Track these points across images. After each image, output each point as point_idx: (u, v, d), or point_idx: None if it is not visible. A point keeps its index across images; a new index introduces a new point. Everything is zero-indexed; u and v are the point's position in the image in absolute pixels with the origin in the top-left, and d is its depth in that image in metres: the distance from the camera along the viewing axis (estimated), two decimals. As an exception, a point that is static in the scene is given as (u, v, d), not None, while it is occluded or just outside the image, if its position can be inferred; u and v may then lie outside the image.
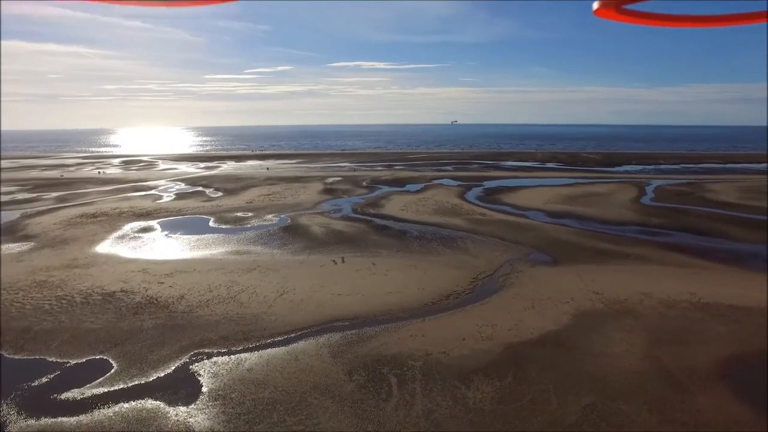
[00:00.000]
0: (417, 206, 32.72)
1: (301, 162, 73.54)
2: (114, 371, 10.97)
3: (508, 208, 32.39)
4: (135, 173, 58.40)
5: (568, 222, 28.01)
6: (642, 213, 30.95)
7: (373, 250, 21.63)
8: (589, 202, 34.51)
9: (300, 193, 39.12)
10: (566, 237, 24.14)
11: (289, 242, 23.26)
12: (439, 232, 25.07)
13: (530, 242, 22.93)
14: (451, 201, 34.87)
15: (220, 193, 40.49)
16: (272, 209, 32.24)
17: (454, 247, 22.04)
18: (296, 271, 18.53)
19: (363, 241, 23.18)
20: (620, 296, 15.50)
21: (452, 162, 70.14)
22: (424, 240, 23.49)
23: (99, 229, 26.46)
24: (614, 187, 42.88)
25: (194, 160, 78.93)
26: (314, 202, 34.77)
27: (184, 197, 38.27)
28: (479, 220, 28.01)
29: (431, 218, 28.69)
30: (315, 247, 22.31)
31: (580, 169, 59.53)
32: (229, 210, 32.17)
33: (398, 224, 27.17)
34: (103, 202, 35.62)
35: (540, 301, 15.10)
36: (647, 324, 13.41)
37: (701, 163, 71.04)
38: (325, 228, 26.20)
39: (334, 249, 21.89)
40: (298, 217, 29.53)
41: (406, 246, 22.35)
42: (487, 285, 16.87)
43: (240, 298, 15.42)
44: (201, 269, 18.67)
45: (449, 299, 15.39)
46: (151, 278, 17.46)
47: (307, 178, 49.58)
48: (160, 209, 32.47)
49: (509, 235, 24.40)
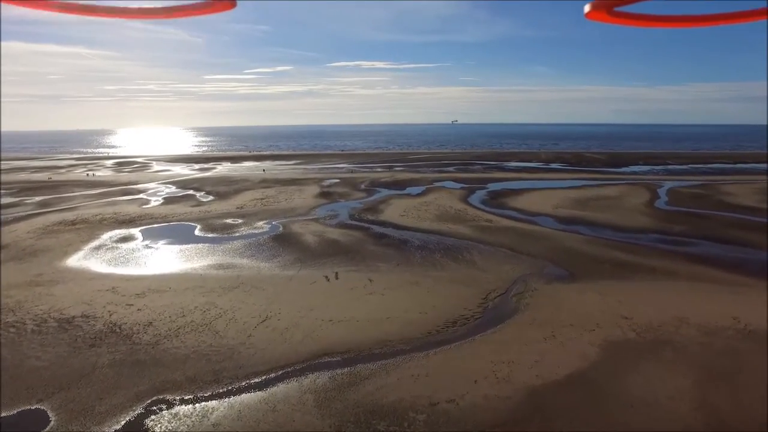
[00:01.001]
0: (418, 211, 30.71)
1: (299, 163, 71.55)
2: (48, 429, 8.97)
3: (515, 213, 30.36)
4: (126, 175, 56.43)
5: (581, 229, 25.99)
6: (659, 219, 28.93)
7: (370, 263, 19.62)
8: (600, 207, 32.48)
9: (295, 197, 37.13)
10: (581, 247, 22.12)
11: (278, 254, 21.26)
12: (443, 242, 23.06)
13: (543, 253, 20.92)
14: (455, 205, 32.86)
15: (211, 197, 38.50)
16: (264, 215, 30.24)
17: (460, 260, 20.03)
18: (284, 289, 16.52)
19: (360, 253, 21.18)
20: (653, 322, 13.48)
21: (454, 163, 68.11)
22: (427, 251, 21.49)
23: (75, 238, 24.47)
24: (625, 189, 40.85)
25: (189, 162, 76.96)
26: (309, 207, 32.78)
27: (173, 202, 36.28)
28: (485, 228, 26.00)
29: (434, 225, 26.68)
30: (307, 259, 20.31)
31: (586, 170, 57.50)
32: (218, 216, 30.18)
33: (398, 232, 25.17)
34: (86, 208, 33.64)
35: (561, 328, 13.09)
36: (691, 359, 11.40)
37: (710, 163, 68.99)
38: (319, 237, 24.20)
39: (328, 262, 19.89)
40: (291, 224, 27.54)
41: (406, 258, 20.35)
42: (499, 307, 14.86)
43: (216, 324, 13.41)
44: (177, 287, 16.67)
45: (456, 326, 13.38)
46: (119, 299, 15.46)
47: (304, 181, 47.59)
48: (145, 216, 30.48)
49: (519, 244, 22.39)
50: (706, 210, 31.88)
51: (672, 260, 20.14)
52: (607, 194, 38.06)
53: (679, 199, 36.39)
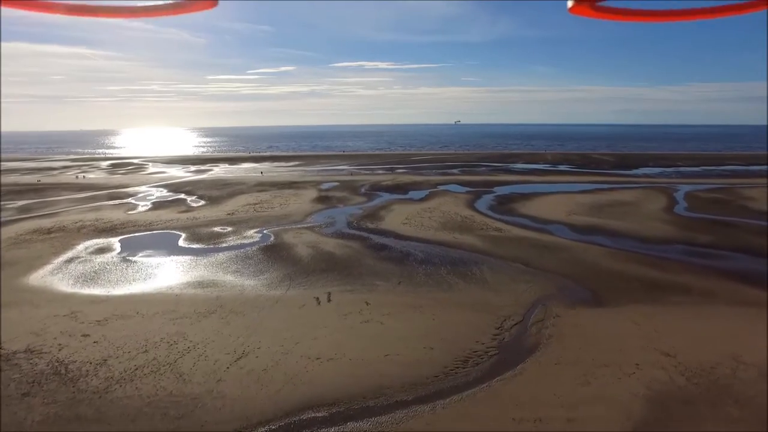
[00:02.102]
0: (421, 219, 28.54)
1: (298, 165, 69.46)
2: None
3: (526, 221, 28.16)
4: (118, 178, 54.41)
5: (600, 239, 23.78)
6: (682, 227, 26.70)
7: (368, 281, 17.46)
8: (617, 213, 30.26)
9: (290, 202, 34.99)
10: (603, 261, 19.92)
11: (266, 269, 19.12)
12: (449, 255, 20.89)
13: (561, 269, 18.72)
14: (461, 212, 30.67)
15: (203, 201, 36.41)
16: (256, 222, 28.12)
17: (469, 277, 17.86)
18: (268, 314, 14.39)
19: (356, 268, 19.02)
20: (702, 362, 11.29)
21: (458, 165, 65.90)
22: (431, 265, 19.33)
23: (47, 249, 22.40)
24: (639, 194, 38.61)
25: (186, 163, 74.97)
26: (305, 214, 30.64)
27: (161, 207, 34.21)
28: (495, 238, 23.81)
29: (438, 235, 24.50)
30: (297, 276, 18.17)
31: (595, 173, 55.23)
32: (206, 224, 28.07)
33: (400, 243, 23.01)
34: (68, 213, 31.59)
35: (595, 370, 10.90)
36: (762, 417, 9.21)
37: (722, 165, 66.61)
38: (313, 248, 22.06)
39: (321, 279, 17.74)
40: (284, 232, 25.41)
41: (409, 275, 18.18)
42: (517, 339, 12.69)
43: (181, 364, 11.28)
44: (146, 312, 14.55)
45: (468, 366, 11.21)
46: (75, 328, 13.35)
47: (301, 184, 45.46)
48: (128, 223, 28.39)
49: (534, 258, 20.20)
50: (730, 217, 29.64)
51: (706, 277, 17.93)
52: (621, 199, 35.82)
53: (699, 204, 34.14)
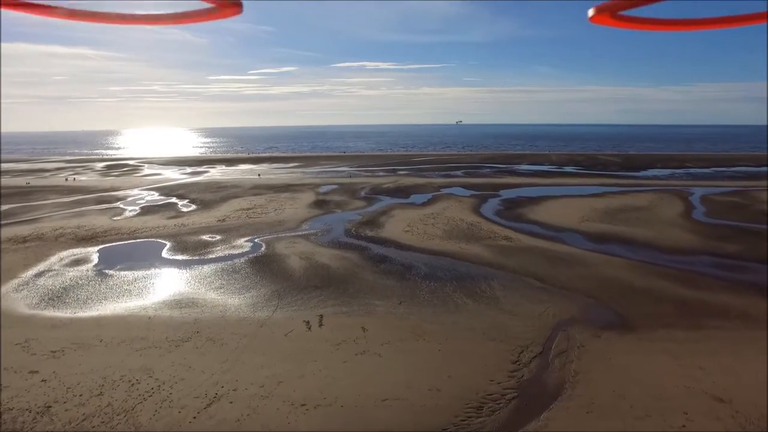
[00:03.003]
0: (425, 226, 26.69)
1: (297, 166, 67.64)
2: None
3: (537, 228, 26.28)
4: (110, 180, 52.68)
5: (618, 250, 21.90)
6: (704, 235, 24.79)
7: (365, 300, 15.62)
8: (632, 220, 28.36)
9: (286, 207, 33.18)
10: (625, 276, 18.04)
11: (253, 285, 17.30)
12: (455, 268, 19.03)
13: (579, 285, 16.86)
14: (466, 218, 28.80)
15: (194, 206, 34.62)
16: (247, 230, 26.31)
17: (478, 295, 16.00)
18: (249, 343, 12.57)
19: (353, 284, 17.19)
20: (763, 408, 9.42)
21: (461, 166, 63.99)
22: (436, 281, 17.48)
23: (18, 261, 20.63)
24: (653, 197, 36.69)
25: (183, 165, 73.24)
26: (300, 220, 28.81)
27: (150, 212, 32.43)
28: (505, 248, 21.94)
29: (443, 245, 22.65)
30: (287, 293, 16.34)
31: (603, 174, 53.29)
32: (194, 231, 26.27)
33: (401, 254, 21.16)
34: (50, 219, 29.83)
35: (635, 423, 9.04)
36: None
37: (733, 167, 64.61)
38: (307, 260, 20.23)
39: (313, 297, 15.92)
40: (277, 241, 23.60)
41: (411, 292, 16.34)
42: (538, 376, 10.84)
43: (140, 412, 9.46)
44: (111, 339, 12.74)
45: (482, 415, 9.36)
46: (25, 361, 11.55)
47: (299, 187, 43.64)
48: (111, 230, 26.61)
49: (548, 272, 18.33)
50: (752, 223, 27.72)
51: (742, 295, 16.05)
52: (635, 203, 33.91)
53: (718, 209, 32.22)
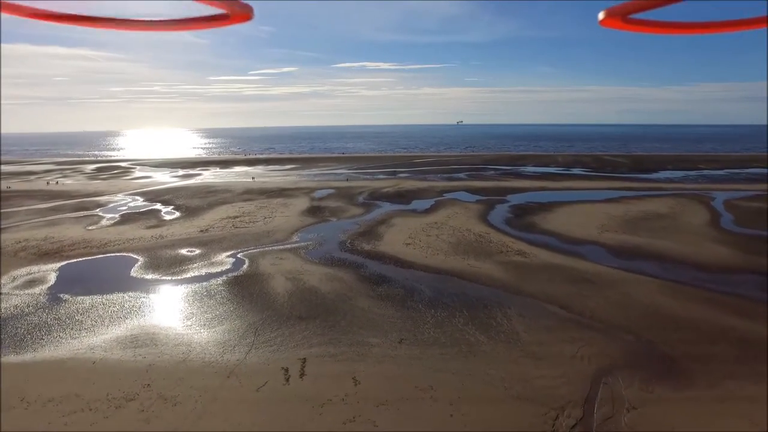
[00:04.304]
0: (428, 237, 24.05)
1: (294, 168, 64.99)
2: None
3: (553, 240, 23.63)
4: (96, 184, 50.07)
5: (649, 267, 19.24)
6: (739, 248, 22.14)
7: (359, 337, 12.99)
8: (657, 230, 25.70)
9: (277, 215, 30.55)
10: (665, 303, 15.38)
11: (227, 315, 14.68)
12: (465, 292, 16.40)
13: (614, 316, 14.21)
14: (473, 228, 26.15)
15: (178, 213, 32.02)
16: (231, 243, 23.70)
17: (495, 330, 13.36)
18: (209, 405, 9.93)
19: (345, 314, 14.56)
20: None
21: (464, 168, 61.32)
22: (443, 309, 14.85)
23: (-36, 281, 18.03)
24: (672, 203, 34.04)
25: (176, 167, 70.67)
26: (290, 230, 26.18)
27: (129, 221, 29.83)
28: (520, 266, 19.29)
29: (449, 261, 20.01)
30: (266, 326, 13.72)
31: (614, 177, 50.61)
32: (172, 244, 23.66)
33: (402, 273, 18.53)
34: (17, 230, 27.23)
35: None
36: None
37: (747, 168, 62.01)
38: (293, 282, 17.60)
39: (296, 332, 13.30)
40: (262, 257, 20.99)
41: (413, 326, 13.71)
42: (583, 459, 8.20)
43: None
44: (35, 399, 10.10)
45: None
46: None
47: (293, 191, 41.01)
48: (80, 243, 24.02)
49: (575, 298, 15.69)
50: (791, 233, 25.09)
51: (810, 329, 13.41)
52: (655, 210, 31.25)
53: (746, 216, 29.57)
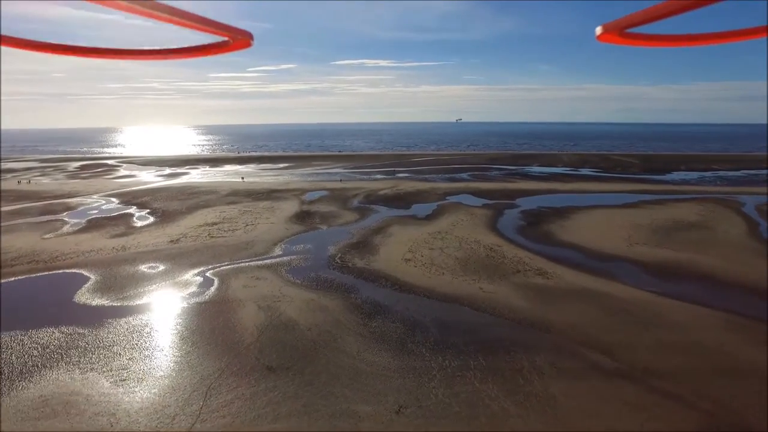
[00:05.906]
0: (431, 251, 20.73)
1: (286, 167, 61.52)
2: None
3: (576, 254, 20.31)
4: (73, 183, 46.60)
5: (699, 293, 15.93)
6: (797, 266, 18.87)
7: (343, 403, 9.66)
8: (693, 242, 22.42)
9: (260, 222, 27.17)
10: (739, 347, 12.08)
11: (177, 363, 11.34)
12: (479, 329, 13.07)
13: (678, 371, 10.89)
14: (482, 239, 22.83)
15: (151, 218, 28.63)
16: (202, 256, 20.35)
17: (522, 392, 10.04)
18: None
19: (327, 365, 11.23)
20: None
21: (467, 167, 57.92)
22: (453, 356, 11.53)
23: None
24: (699, 208, 30.74)
25: (164, 165, 67.15)
26: (273, 241, 22.82)
27: (94, 227, 26.44)
28: (543, 291, 15.97)
29: (457, 283, 16.68)
30: (221, 384, 10.38)
31: (627, 179, 47.30)
32: (134, 258, 20.29)
33: (401, 301, 15.19)
34: (-37, 238, 23.84)
35: None
36: None
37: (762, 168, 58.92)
38: (267, 313, 14.27)
39: (260, 393, 9.96)
40: (235, 276, 17.64)
41: (416, 382, 10.39)
42: None
43: None
44: None
45: None
46: None
47: (283, 193, 37.61)
48: (28, 255, 20.66)
49: (620, 341, 12.37)
50: None
51: None
52: (683, 217, 27.95)
53: (788, 225, 26.32)
